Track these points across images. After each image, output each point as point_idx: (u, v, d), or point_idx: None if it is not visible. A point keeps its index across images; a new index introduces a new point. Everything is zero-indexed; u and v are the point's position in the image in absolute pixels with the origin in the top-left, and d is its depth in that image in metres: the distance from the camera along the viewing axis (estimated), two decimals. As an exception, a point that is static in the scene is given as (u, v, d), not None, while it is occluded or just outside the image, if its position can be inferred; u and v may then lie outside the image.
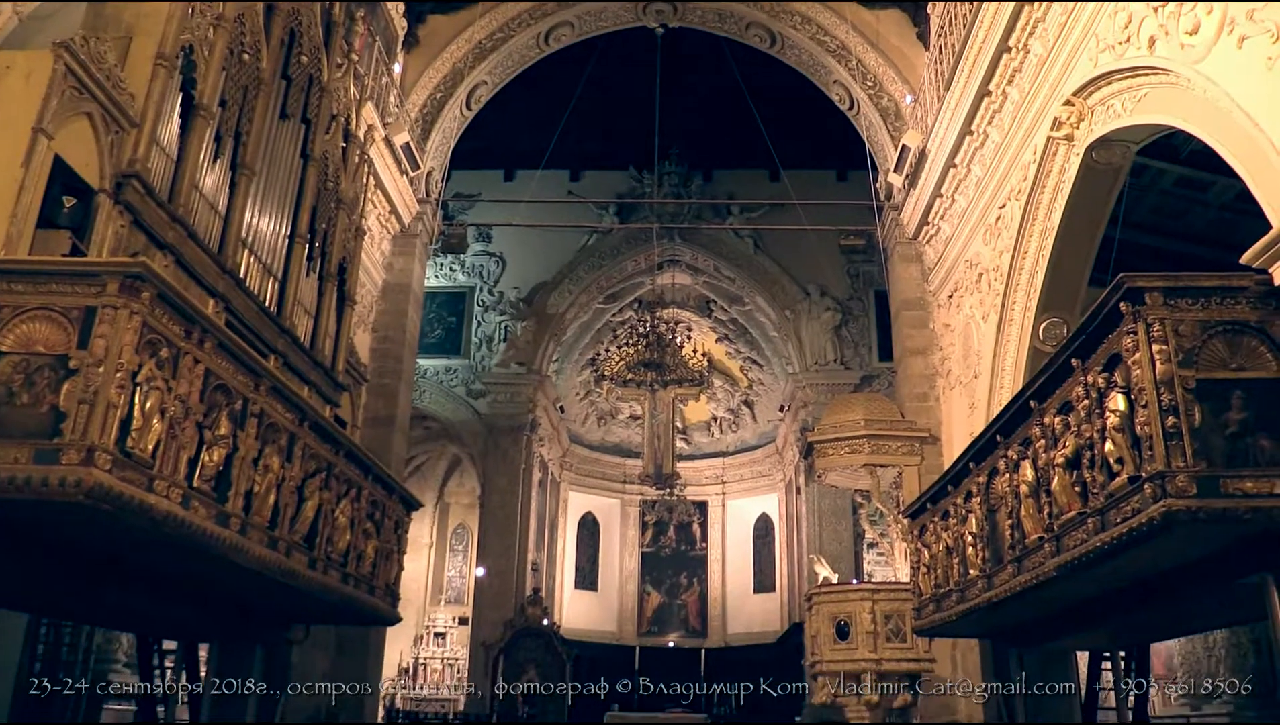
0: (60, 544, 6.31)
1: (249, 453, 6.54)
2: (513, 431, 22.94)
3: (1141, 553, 5.55)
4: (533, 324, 23.33)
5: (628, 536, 28.46)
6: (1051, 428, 6.43)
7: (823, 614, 11.71)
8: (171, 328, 5.59)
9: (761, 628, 26.08)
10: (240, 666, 9.76)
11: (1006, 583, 7.34)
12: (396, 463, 14.24)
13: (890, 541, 14.20)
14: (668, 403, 19.82)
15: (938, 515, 9.29)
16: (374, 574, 9.25)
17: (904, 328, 14.69)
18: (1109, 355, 5.62)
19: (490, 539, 22.40)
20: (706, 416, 28.51)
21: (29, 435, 5.00)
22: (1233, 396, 5.18)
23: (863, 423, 12.48)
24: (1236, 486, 5.01)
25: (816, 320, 22.70)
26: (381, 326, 14.86)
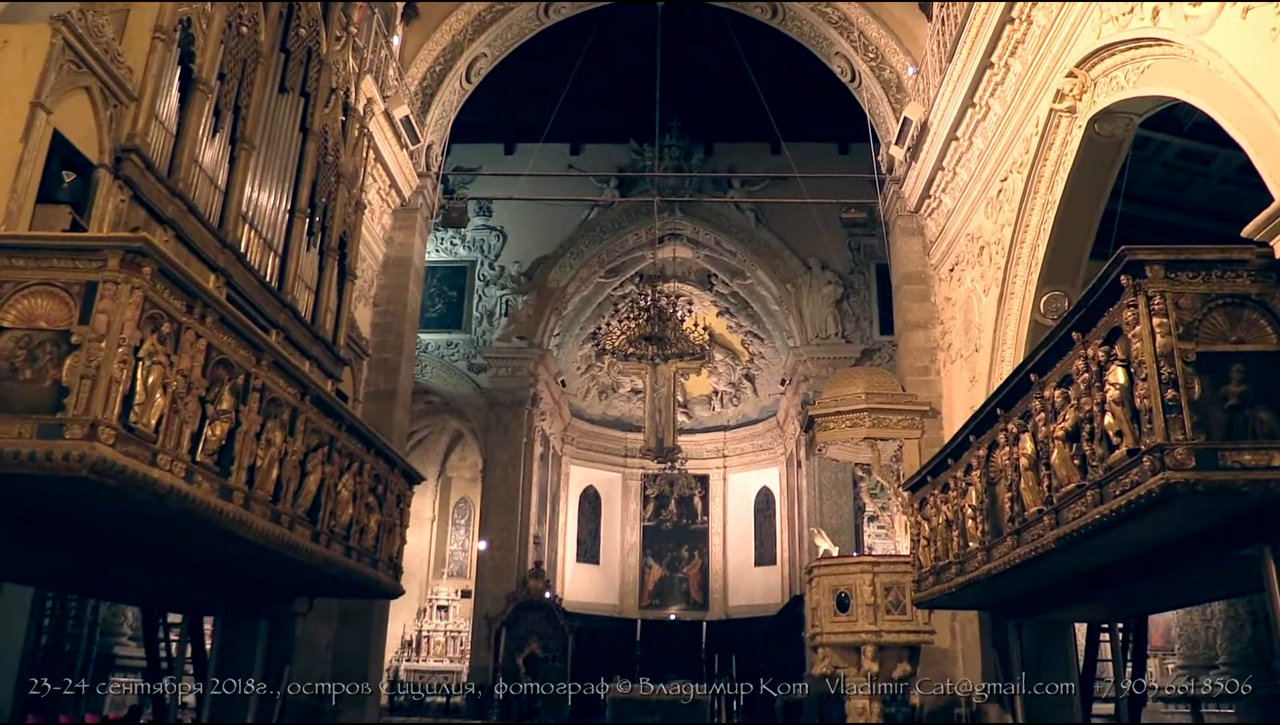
0: (65, 519, 6.34)
1: (251, 427, 6.56)
2: (514, 406, 22.98)
3: (1140, 525, 5.58)
4: (534, 298, 23.32)
5: (629, 510, 28.57)
6: (1051, 401, 6.44)
7: (823, 586, 11.76)
8: (173, 302, 5.60)
9: (763, 600, 26.23)
10: (245, 639, 9.85)
11: (1006, 555, 7.38)
12: (398, 437, 14.28)
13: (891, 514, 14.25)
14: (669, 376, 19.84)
15: (938, 488, 9.33)
16: (377, 547, 9.30)
17: (905, 301, 14.68)
18: (1109, 328, 5.62)
19: (492, 513, 22.51)
20: (708, 390, 28.55)
21: (32, 410, 5.01)
22: (1232, 369, 5.19)
23: (863, 396, 12.47)
24: (1235, 459, 5.02)
25: (818, 294, 22.68)
26: (382, 301, 14.86)
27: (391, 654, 22.83)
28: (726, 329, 26.99)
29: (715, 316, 26.29)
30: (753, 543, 27.81)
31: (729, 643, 22.53)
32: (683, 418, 25.31)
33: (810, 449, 14.55)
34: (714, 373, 27.60)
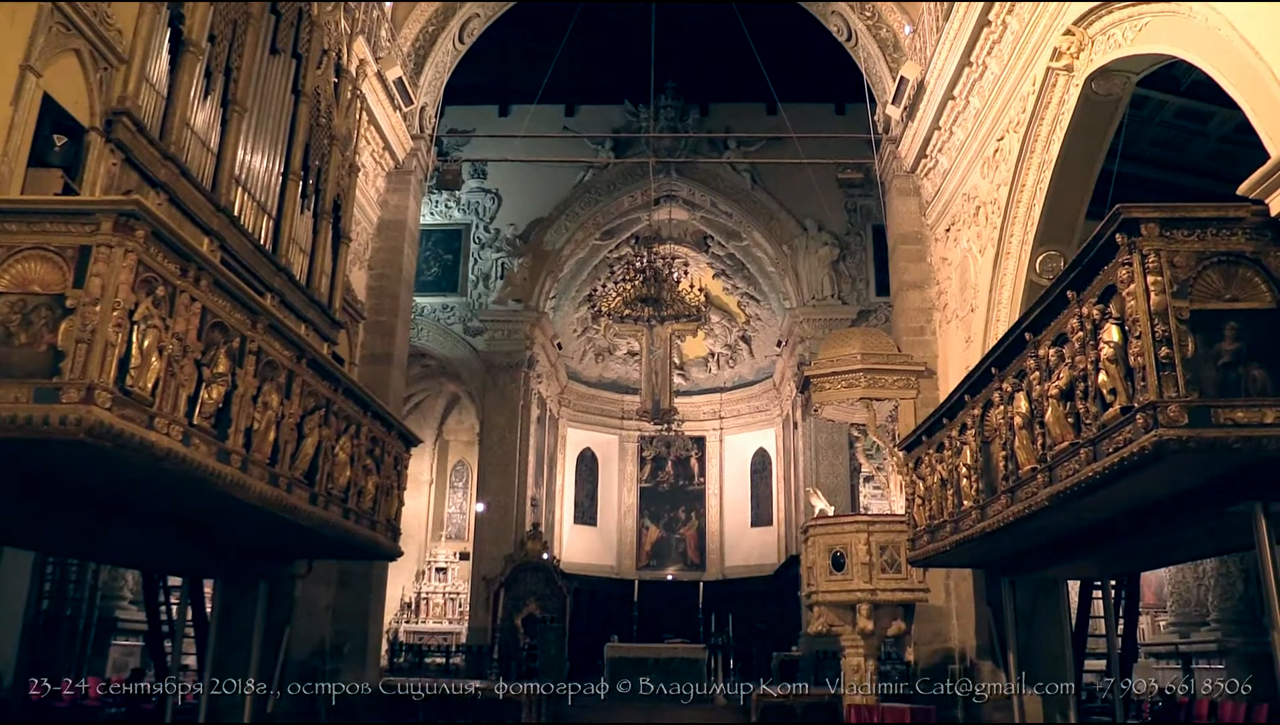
0: (63, 483, 6.36)
1: (248, 390, 6.57)
2: (511, 368, 23.00)
3: (1133, 482, 5.62)
4: (529, 261, 23.26)
5: (626, 472, 28.70)
6: (1046, 360, 6.47)
7: (819, 546, 11.86)
8: (167, 266, 5.58)
9: (759, 560, 26.43)
10: (245, 601, 9.93)
11: (1000, 513, 7.44)
12: (395, 400, 14.31)
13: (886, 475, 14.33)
14: (665, 338, 19.86)
15: (933, 448, 9.38)
16: (375, 509, 9.35)
17: (901, 262, 14.66)
18: (1104, 287, 5.63)
19: (490, 475, 22.60)
20: (704, 352, 28.57)
21: (28, 375, 5.02)
22: (1226, 327, 5.21)
23: (859, 357, 12.50)
24: (1228, 416, 5.05)
25: (814, 255, 22.63)
26: (378, 264, 14.81)
27: (391, 616, 23.03)
28: (722, 291, 26.97)
29: (711, 278, 26.25)
30: (749, 504, 27.98)
31: (726, 602, 22.77)
32: (679, 380, 25.36)
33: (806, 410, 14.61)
34: (710, 335, 27.62)
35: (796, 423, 23.65)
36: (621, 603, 23.73)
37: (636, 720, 15.46)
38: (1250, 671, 14.30)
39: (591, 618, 23.17)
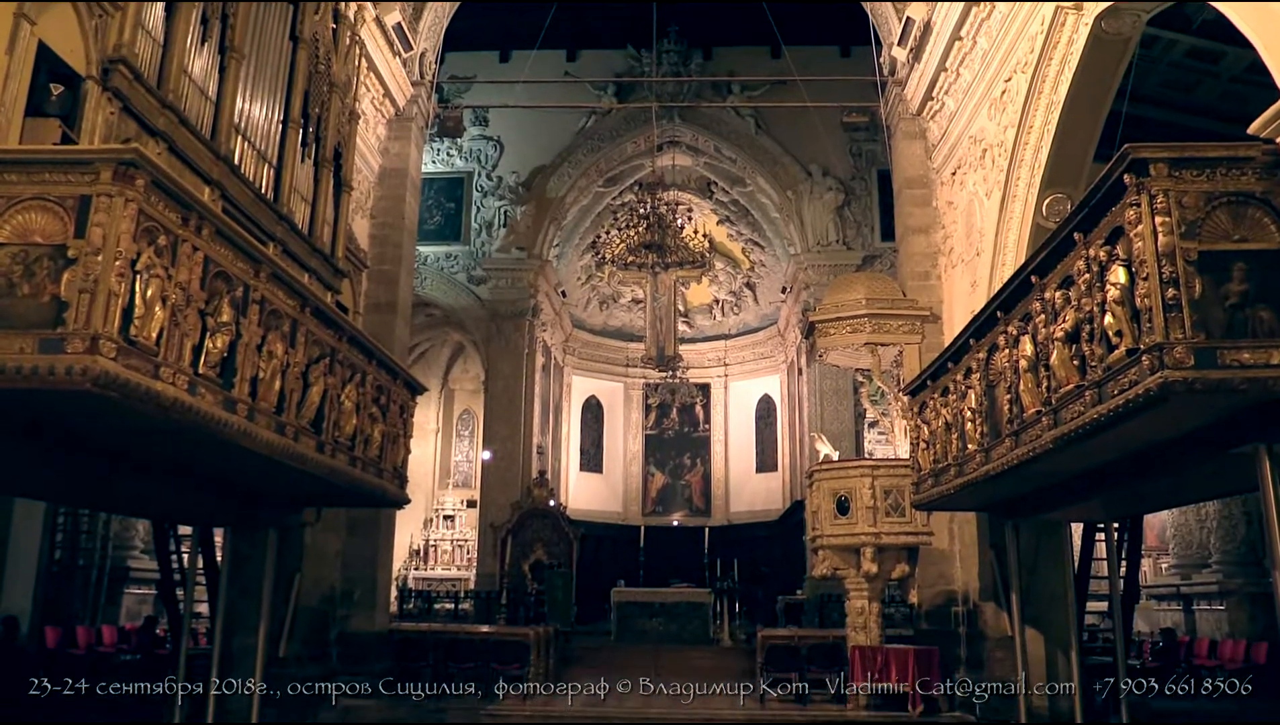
0: (71, 433, 6.40)
1: (252, 339, 6.57)
2: (515, 317, 22.99)
3: (1137, 424, 5.63)
4: (532, 209, 23.14)
5: (631, 419, 28.81)
6: (1052, 302, 6.44)
7: (824, 490, 11.92)
8: (168, 215, 5.56)
9: (764, 506, 26.62)
10: (255, 549, 10.03)
11: (1004, 456, 7.46)
12: (400, 348, 14.31)
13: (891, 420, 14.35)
14: (669, 285, 19.80)
15: (938, 392, 9.38)
16: (381, 457, 9.40)
17: (906, 206, 14.54)
18: (1111, 228, 5.59)
19: (495, 423, 22.70)
20: (708, 299, 28.52)
21: (32, 326, 5.02)
22: (1234, 268, 5.17)
23: (864, 302, 12.45)
24: (1234, 357, 5.04)
25: (819, 200, 22.48)
26: (380, 212, 14.73)
27: (399, 563, 23.28)
28: (727, 237, 26.84)
29: (715, 225, 26.12)
30: (754, 450, 28.11)
31: (731, 547, 22.96)
32: (684, 327, 25.34)
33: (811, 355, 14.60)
34: (714, 281, 27.54)
35: (801, 369, 23.67)
36: (628, 548, 23.94)
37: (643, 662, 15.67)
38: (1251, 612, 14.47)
39: (598, 563, 23.41)
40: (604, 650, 16.75)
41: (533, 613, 18.14)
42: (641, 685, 12.12)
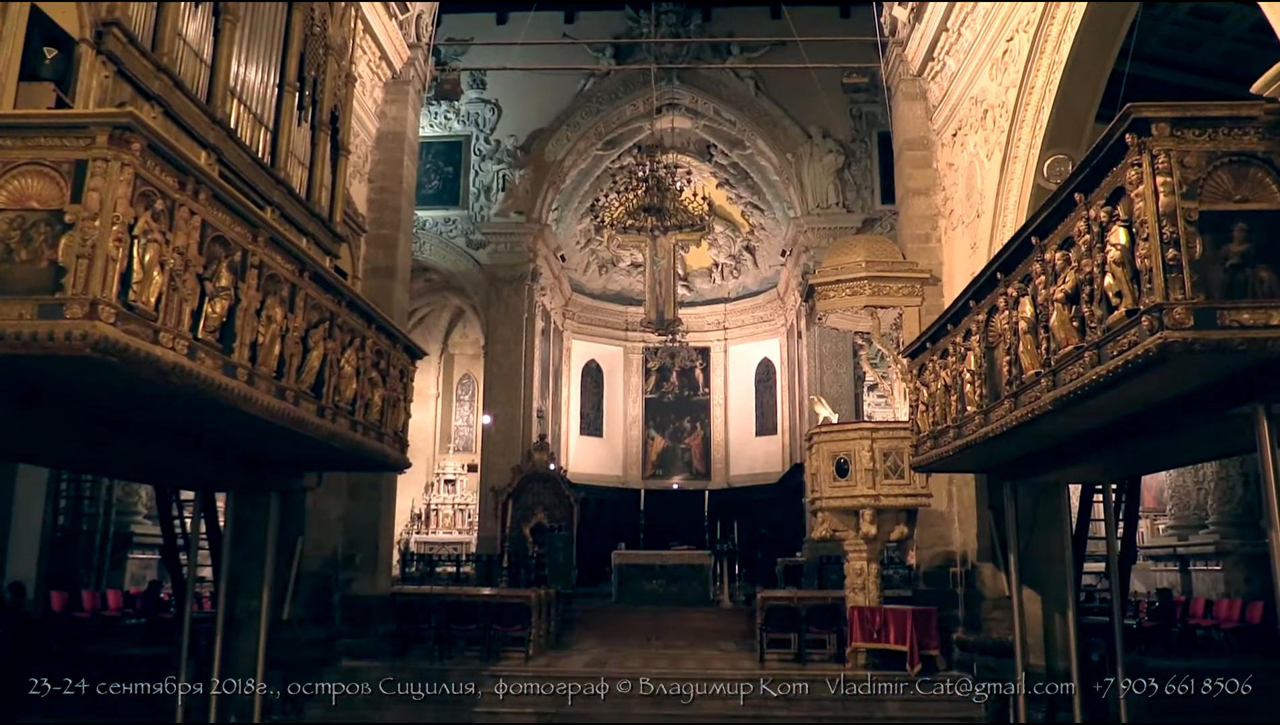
0: (72, 399, 6.41)
1: (251, 304, 6.57)
2: (514, 281, 22.97)
3: (1137, 385, 5.63)
4: (531, 172, 23.03)
5: (631, 383, 28.87)
6: (1052, 263, 6.42)
7: (823, 453, 11.97)
8: (165, 179, 5.53)
9: (764, 469, 26.75)
10: (257, 513, 10.08)
11: (1003, 418, 7.48)
12: (399, 313, 14.30)
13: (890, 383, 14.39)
14: (669, 249, 19.75)
15: (937, 354, 9.38)
16: (382, 421, 9.43)
17: (906, 168, 14.47)
18: (1112, 189, 5.56)
19: (495, 388, 22.75)
20: (708, 263, 28.47)
21: (30, 291, 5.01)
22: (1234, 228, 5.15)
23: (864, 264, 12.42)
24: (1233, 318, 5.03)
25: (818, 163, 22.38)
26: (377, 177, 14.66)
27: (401, 527, 23.42)
28: (726, 200, 26.74)
29: (715, 188, 26.01)
30: (754, 413, 28.20)
31: (731, 510, 23.08)
32: (683, 290, 25.31)
33: (811, 318, 14.59)
34: (714, 245, 27.47)
35: (801, 332, 23.68)
36: (628, 511, 24.07)
37: (644, 624, 15.82)
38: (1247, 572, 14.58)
39: (598, 526, 23.54)
40: (605, 612, 16.90)
41: (534, 575, 18.28)
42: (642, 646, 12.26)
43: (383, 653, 12.27)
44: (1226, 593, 14.66)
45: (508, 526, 20.64)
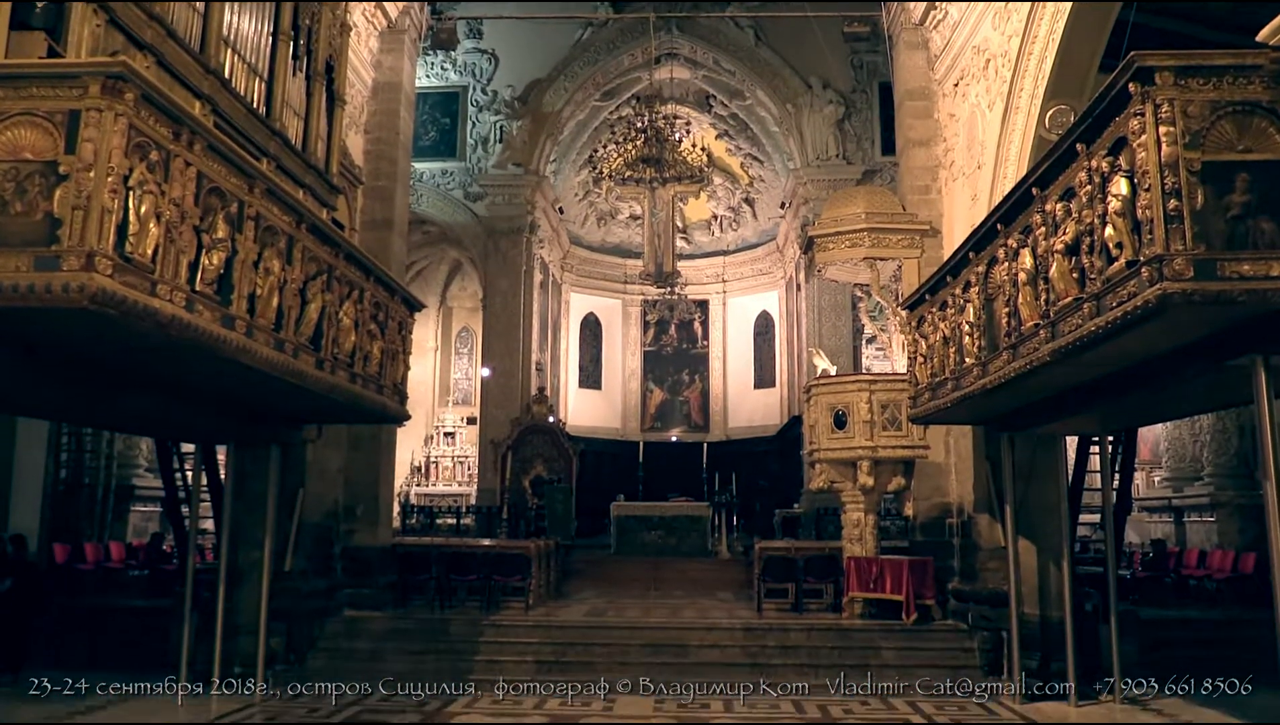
0: (71, 352, 6.42)
1: (248, 256, 6.55)
2: (512, 234, 22.88)
3: (1135, 337, 5.64)
4: (528, 123, 22.83)
5: (630, 336, 28.87)
6: (1053, 215, 6.40)
7: (821, 404, 12.01)
8: (159, 130, 5.49)
9: (762, 421, 26.84)
10: (257, 466, 10.14)
11: (1001, 369, 7.49)
12: (397, 265, 14.25)
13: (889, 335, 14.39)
14: (667, 201, 19.65)
15: (936, 306, 9.38)
16: (381, 374, 9.44)
17: (907, 118, 14.33)
18: (1115, 139, 5.53)
19: (494, 341, 22.75)
20: (707, 215, 28.34)
21: (26, 243, 5.00)
22: (1237, 178, 5.12)
23: (863, 216, 12.37)
24: (1234, 269, 5.02)
25: (819, 114, 22.19)
26: (374, 127, 14.52)
27: (401, 479, 23.54)
28: (725, 152, 26.54)
29: (714, 139, 25.80)
30: (752, 366, 28.24)
31: (729, 462, 23.21)
32: (682, 243, 25.22)
33: (810, 270, 14.56)
34: (713, 197, 27.32)
35: (800, 285, 23.64)
36: (627, 464, 24.20)
37: (643, 574, 15.97)
38: (1241, 523, 14.69)
39: (597, 478, 23.67)
40: (604, 563, 17.05)
41: (533, 527, 18.41)
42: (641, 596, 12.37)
43: (384, 603, 12.39)
44: (1220, 543, 14.77)
45: (507, 479, 20.74)
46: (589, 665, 10.32)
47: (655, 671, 10.14)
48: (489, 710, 8.90)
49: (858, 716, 8.74)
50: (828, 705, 9.18)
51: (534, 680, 9.98)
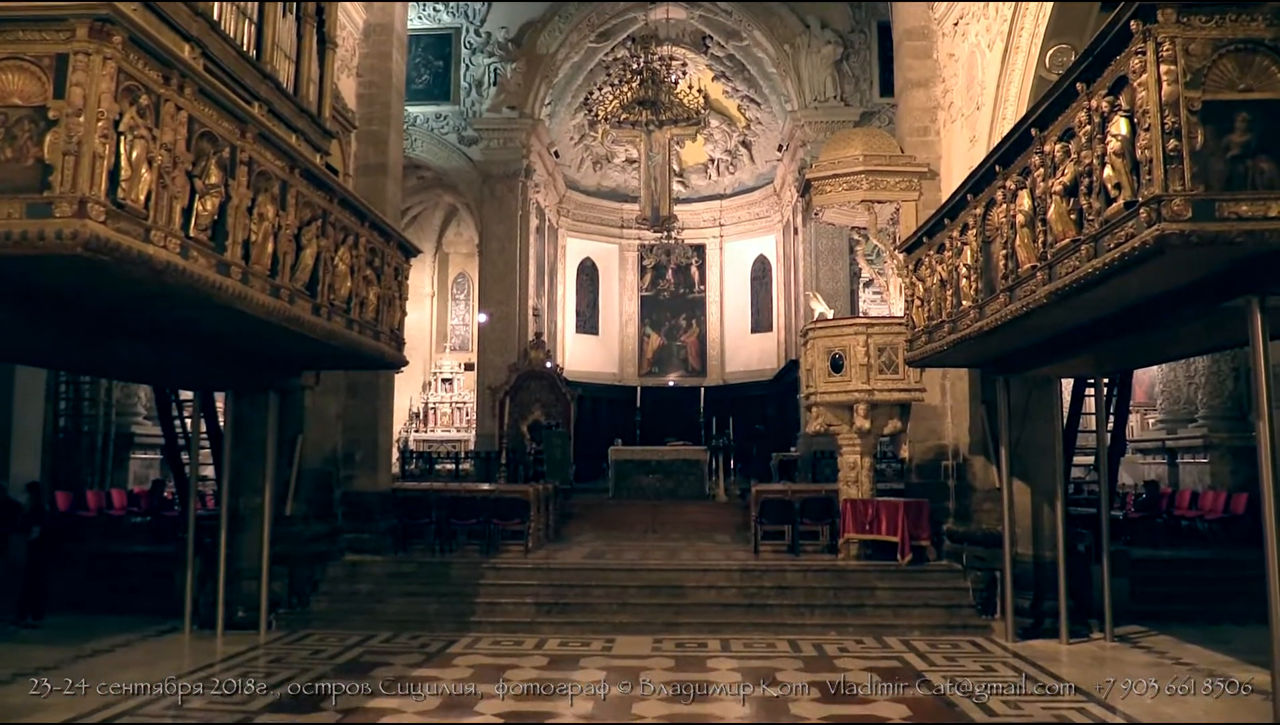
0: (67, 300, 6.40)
1: (242, 201, 6.51)
2: (508, 178, 22.73)
3: (1132, 278, 5.63)
4: (523, 66, 22.55)
5: (627, 281, 28.81)
6: (1051, 156, 6.35)
7: (818, 348, 12.02)
8: (149, 74, 5.43)
9: (759, 366, 26.91)
10: (256, 412, 10.17)
11: (998, 312, 7.50)
12: (392, 211, 14.15)
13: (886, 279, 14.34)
14: (664, 143, 19.49)
15: (934, 249, 9.35)
16: (378, 319, 9.44)
17: (906, 59, 14.14)
18: (1115, 78, 5.46)
19: (490, 286, 22.71)
20: (704, 158, 28.13)
21: (17, 190, 4.97)
22: (1237, 118, 5.08)
23: (861, 158, 12.27)
24: (1232, 210, 5.00)
25: (817, 55, 21.91)
26: (366, 71, 14.32)
27: (400, 426, 23.65)
28: (722, 94, 26.26)
29: (710, 81, 25.50)
30: (749, 310, 28.23)
31: (726, 407, 23.32)
32: (679, 187, 25.07)
33: (807, 214, 14.48)
34: (710, 140, 27.10)
35: (797, 228, 23.54)
36: (624, 408, 24.30)
37: (640, 517, 16.11)
38: (1233, 465, 14.82)
39: (595, 423, 23.79)
40: (602, 506, 17.19)
41: (532, 471, 18.52)
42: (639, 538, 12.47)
43: (385, 547, 12.51)
44: (1212, 485, 14.91)
45: (505, 424, 20.83)
46: (588, 607, 10.45)
47: (653, 612, 10.29)
48: (489, 651, 9.04)
49: (853, 655, 8.88)
50: (823, 644, 9.32)
51: (533, 622, 10.12)
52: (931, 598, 10.51)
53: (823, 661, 8.62)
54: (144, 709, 6.85)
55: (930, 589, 10.68)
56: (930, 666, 8.37)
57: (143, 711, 6.78)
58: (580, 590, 10.77)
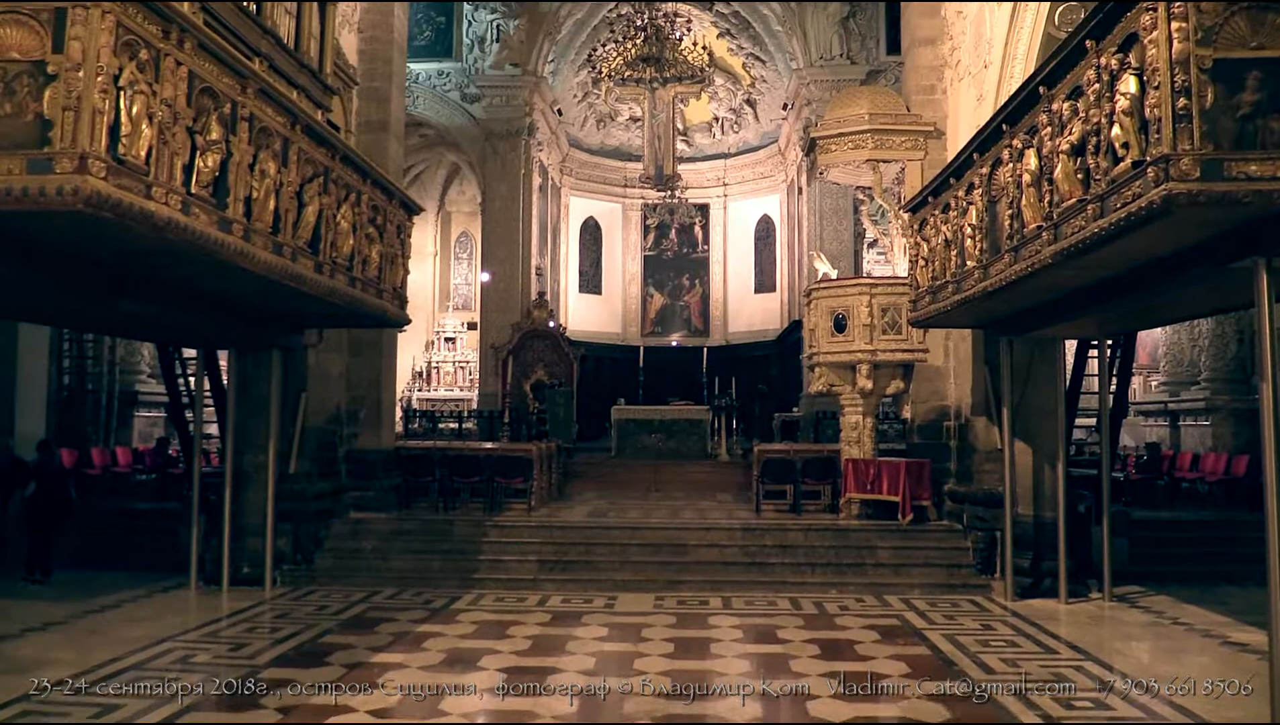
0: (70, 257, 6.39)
1: (244, 158, 6.47)
2: (511, 136, 22.57)
3: (1138, 238, 5.59)
4: (525, 22, 22.31)
5: (630, 240, 28.70)
6: (1059, 114, 6.29)
7: (821, 308, 12.00)
8: (148, 28, 5.37)
9: (762, 326, 26.87)
10: (259, 370, 10.19)
11: (1002, 272, 7.47)
12: (394, 168, 14.08)
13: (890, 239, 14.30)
14: (668, 101, 19.34)
15: (939, 209, 9.30)
16: (380, 277, 9.43)
17: (913, 16, 13.99)
18: (1125, 35, 5.39)
19: (493, 245, 22.65)
20: (708, 117, 27.89)
21: (18, 146, 4.94)
22: (1248, 76, 5.01)
23: (867, 117, 12.16)
24: (1241, 169, 4.95)
25: (823, 11, 21.66)
26: (367, 26, 14.17)
27: (403, 385, 23.68)
28: (727, 51, 25.98)
29: (715, 38, 25.23)
30: (753, 270, 28.15)
31: (729, 367, 23.32)
32: (682, 146, 24.89)
33: (812, 173, 14.38)
34: (714, 98, 26.86)
35: (801, 188, 23.41)
36: (627, 368, 24.31)
37: (643, 476, 16.18)
38: (1235, 427, 14.84)
39: (598, 383, 23.81)
40: (605, 465, 17.26)
41: (535, 430, 18.58)
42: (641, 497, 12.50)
43: (388, 505, 12.58)
44: (1214, 447, 14.94)
45: (508, 383, 20.87)
46: (590, 564, 10.53)
47: (655, 570, 10.35)
48: (492, 608, 9.11)
49: (853, 613, 8.94)
50: (824, 602, 9.39)
51: (536, 579, 10.20)
52: (932, 557, 10.57)
53: (823, 619, 8.69)
54: (152, 663, 6.92)
55: (930, 548, 10.73)
56: (929, 625, 8.44)
57: (150, 665, 6.86)
58: (583, 548, 10.84)
